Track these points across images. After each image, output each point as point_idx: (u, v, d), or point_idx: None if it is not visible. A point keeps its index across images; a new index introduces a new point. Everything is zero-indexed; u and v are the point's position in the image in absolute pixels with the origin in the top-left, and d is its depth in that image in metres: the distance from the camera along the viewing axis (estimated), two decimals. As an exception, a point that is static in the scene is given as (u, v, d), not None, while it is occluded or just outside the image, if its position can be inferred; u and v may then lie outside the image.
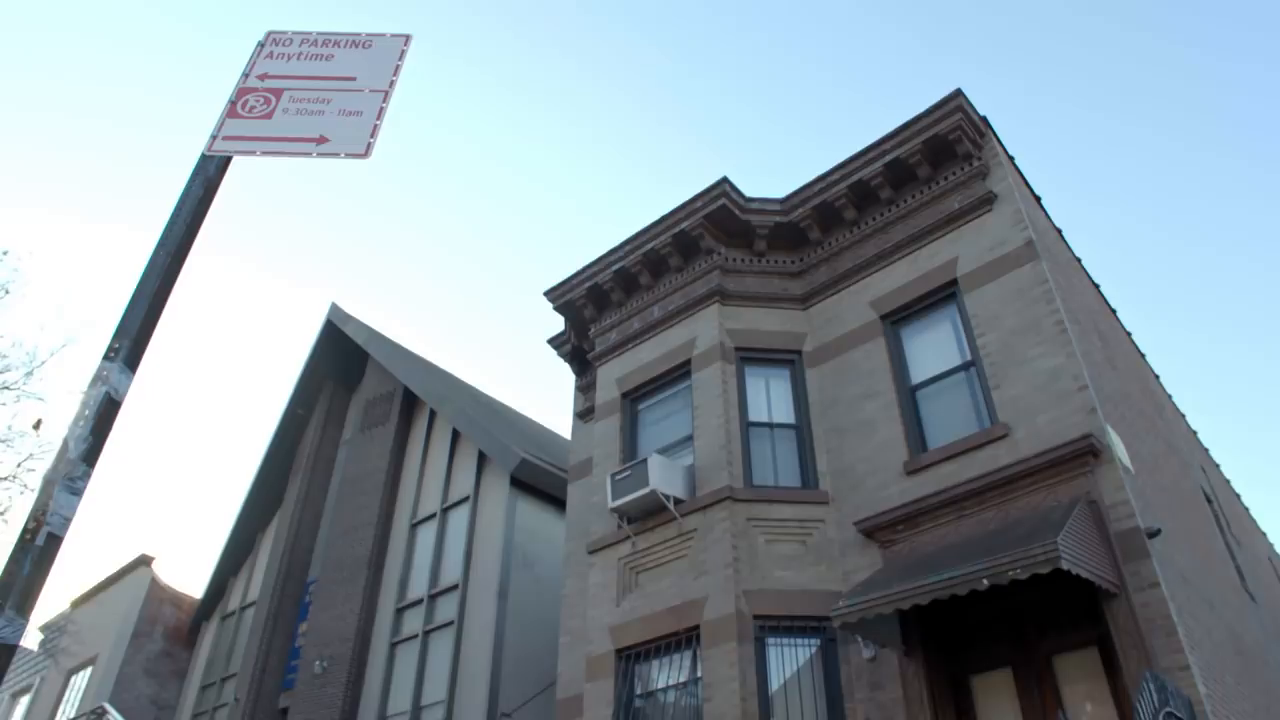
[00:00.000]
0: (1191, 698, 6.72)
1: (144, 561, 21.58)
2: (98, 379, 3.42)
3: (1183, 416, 15.01)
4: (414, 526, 16.67)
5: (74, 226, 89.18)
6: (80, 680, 20.71)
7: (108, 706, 14.49)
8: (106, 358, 3.47)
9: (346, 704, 15.08)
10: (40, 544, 3.16)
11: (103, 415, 3.38)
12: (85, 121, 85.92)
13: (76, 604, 22.88)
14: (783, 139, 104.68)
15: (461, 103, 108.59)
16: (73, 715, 16.84)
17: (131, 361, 3.50)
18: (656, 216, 12.06)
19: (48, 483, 3.26)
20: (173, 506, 75.54)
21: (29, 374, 16.49)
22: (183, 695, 20.31)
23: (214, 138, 4.01)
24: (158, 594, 21.27)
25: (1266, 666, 10.88)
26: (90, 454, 3.31)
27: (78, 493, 3.26)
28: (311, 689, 15.81)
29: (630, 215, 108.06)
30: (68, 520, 3.24)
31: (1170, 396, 14.64)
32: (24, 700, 22.36)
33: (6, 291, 16.07)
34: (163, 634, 20.96)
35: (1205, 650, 7.73)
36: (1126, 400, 10.28)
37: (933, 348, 10.11)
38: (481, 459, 15.79)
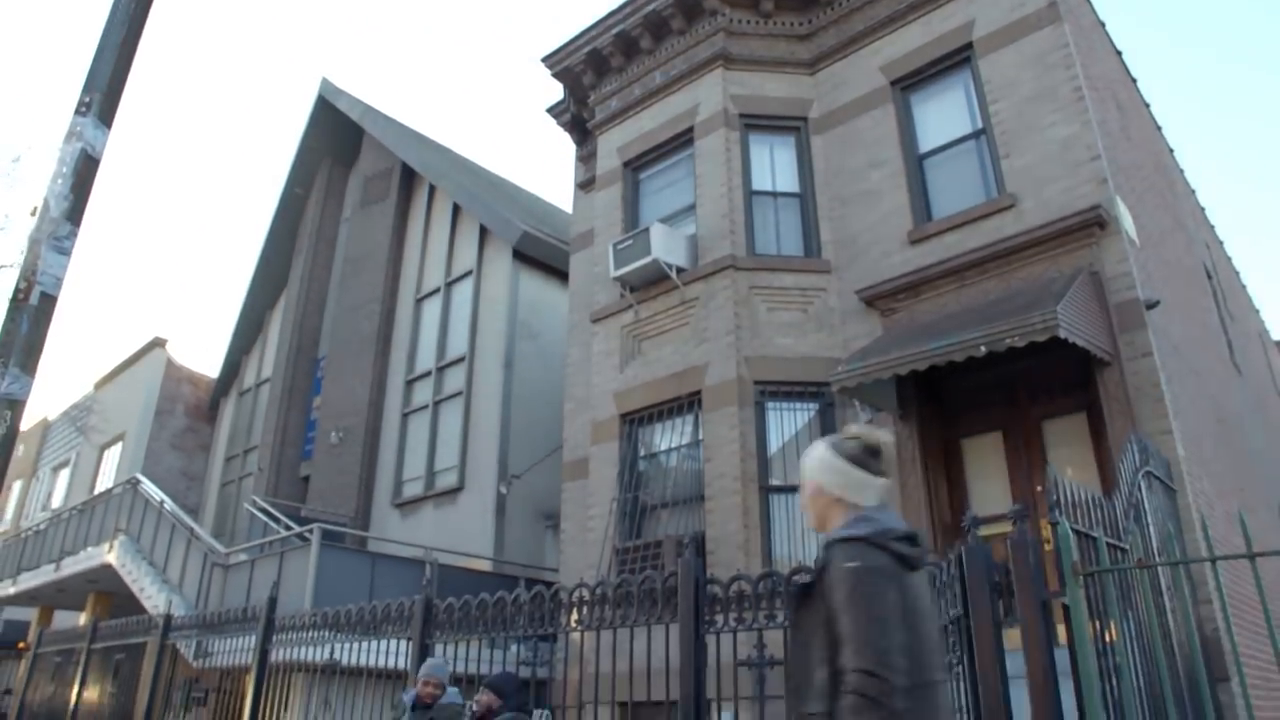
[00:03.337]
0: (1170, 459, 6.99)
1: (158, 344, 22.06)
2: (71, 135, 3.30)
3: (1192, 192, 14.70)
4: (419, 301, 16.85)
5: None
6: (113, 455, 21.72)
7: (140, 477, 15.23)
8: (78, 112, 3.34)
9: (364, 470, 15.84)
10: (34, 303, 3.16)
11: (81, 173, 3.28)
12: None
13: (99, 385, 23.61)
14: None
15: None
16: (109, 486, 17.73)
17: (105, 115, 3.37)
18: (658, -26, 11.33)
19: (34, 243, 3.22)
20: (183, 289, 76.30)
21: (16, 160, 16.19)
22: (209, 466, 21.37)
23: None
24: (174, 374, 21.91)
25: (1243, 434, 11.25)
26: (73, 212, 3.25)
27: (65, 252, 3.22)
28: (330, 458, 16.57)
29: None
30: (59, 280, 3.22)
31: (1182, 172, 14.29)
32: (64, 473, 23.61)
33: None
34: (184, 411, 21.77)
35: (1188, 417, 7.96)
36: (1138, 173, 10.03)
37: (943, 115, 9.74)
38: (483, 233, 15.71)
